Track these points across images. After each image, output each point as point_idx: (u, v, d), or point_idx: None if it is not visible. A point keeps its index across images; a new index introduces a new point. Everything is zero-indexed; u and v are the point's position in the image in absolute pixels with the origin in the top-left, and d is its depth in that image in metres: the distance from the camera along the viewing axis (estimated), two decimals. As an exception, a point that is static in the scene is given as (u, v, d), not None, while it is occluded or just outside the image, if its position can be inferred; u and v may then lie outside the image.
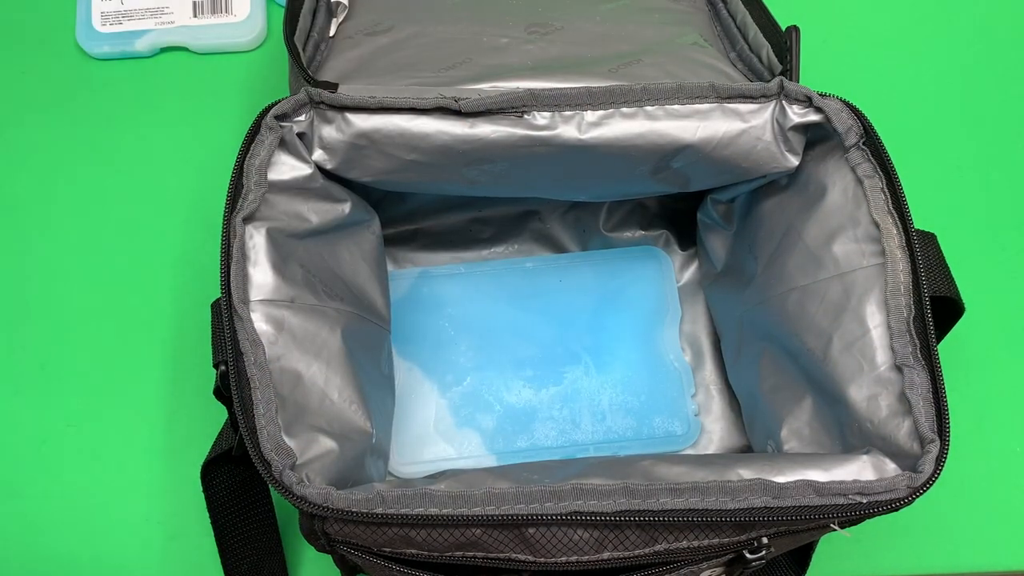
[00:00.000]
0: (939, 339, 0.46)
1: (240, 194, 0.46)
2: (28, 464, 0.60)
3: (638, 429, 0.61)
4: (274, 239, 0.46)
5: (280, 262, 0.46)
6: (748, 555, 0.43)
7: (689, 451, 0.60)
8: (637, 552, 0.42)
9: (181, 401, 0.62)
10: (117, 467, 0.60)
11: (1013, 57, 0.77)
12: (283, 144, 0.48)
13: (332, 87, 0.50)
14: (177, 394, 0.62)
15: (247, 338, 0.43)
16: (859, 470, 0.43)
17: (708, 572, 0.45)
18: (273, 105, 0.48)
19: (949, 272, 0.49)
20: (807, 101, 0.50)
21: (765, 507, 0.40)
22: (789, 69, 0.54)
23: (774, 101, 0.50)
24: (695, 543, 0.42)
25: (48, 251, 0.66)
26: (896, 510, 0.41)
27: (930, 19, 0.79)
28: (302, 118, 0.49)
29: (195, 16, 0.72)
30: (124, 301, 0.65)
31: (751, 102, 0.50)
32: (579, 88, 0.49)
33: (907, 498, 0.41)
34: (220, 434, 0.51)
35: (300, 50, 0.53)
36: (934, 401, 0.43)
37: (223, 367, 0.44)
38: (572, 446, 0.60)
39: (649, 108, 0.49)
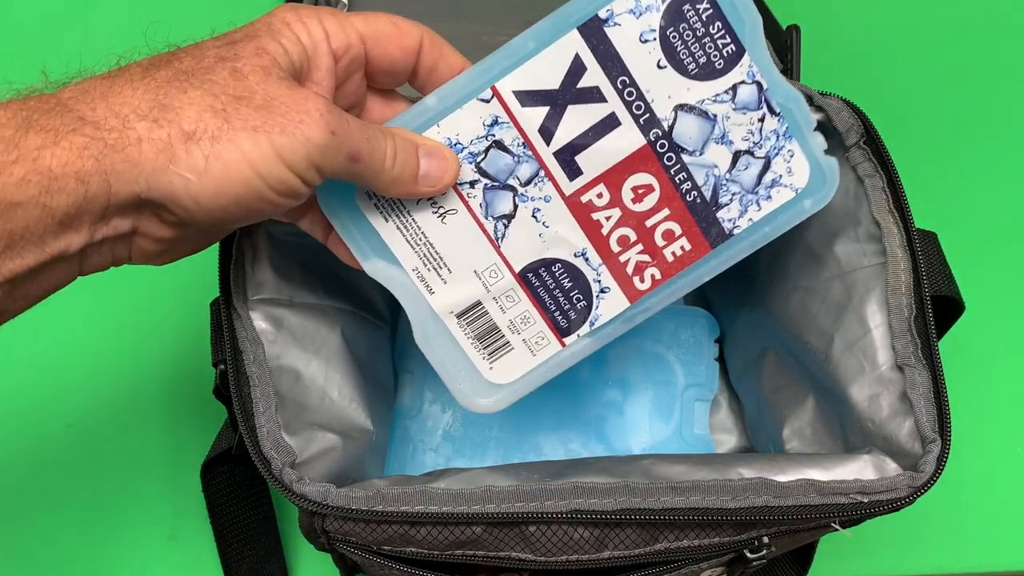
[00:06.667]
0: (939, 337, 0.45)
1: (239, 192, 0.46)
2: (28, 464, 0.60)
3: None
4: (273, 237, 0.46)
5: (279, 260, 0.46)
6: (749, 554, 0.43)
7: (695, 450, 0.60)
8: (637, 551, 0.42)
9: (181, 401, 0.62)
10: (117, 467, 0.60)
11: (1013, 56, 0.77)
12: (283, 143, 0.48)
13: (332, 86, 0.50)
14: (177, 394, 0.62)
15: (246, 337, 0.43)
16: (860, 469, 0.42)
17: (708, 572, 0.45)
18: (273, 103, 0.48)
19: (950, 271, 0.49)
20: (807, 100, 0.49)
21: (766, 506, 0.40)
22: (790, 68, 0.54)
23: (774, 100, 0.50)
24: (696, 542, 0.42)
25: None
26: (897, 510, 0.41)
27: (930, 19, 0.79)
28: (302, 117, 0.49)
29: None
30: (123, 300, 0.65)
31: (751, 100, 0.50)
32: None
33: (908, 498, 0.41)
34: (220, 434, 0.51)
35: (300, 49, 0.53)
36: (935, 401, 0.43)
37: (222, 366, 0.44)
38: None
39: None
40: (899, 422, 0.44)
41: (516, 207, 0.43)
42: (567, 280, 0.44)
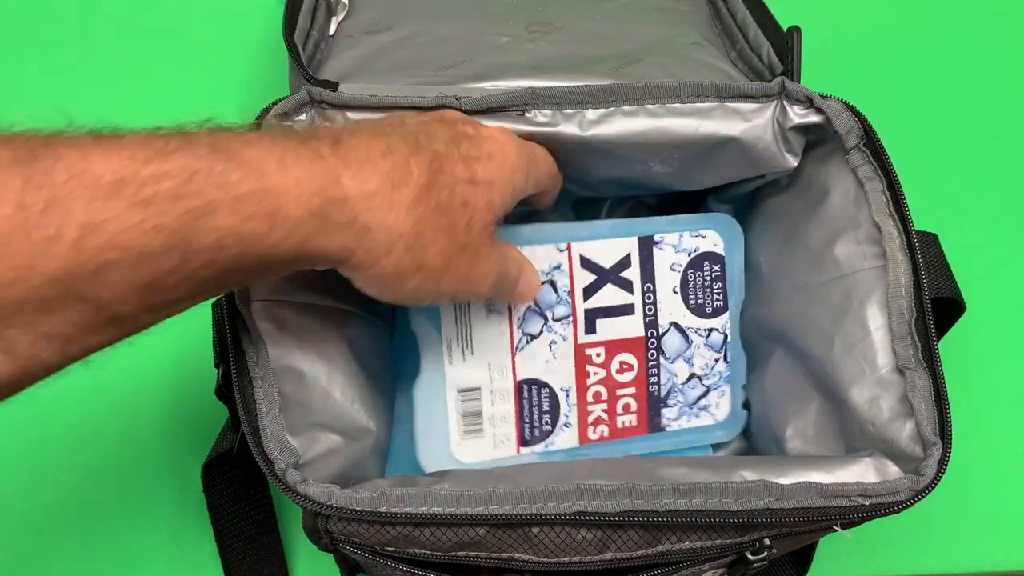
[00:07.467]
0: (939, 337, 0.46)
1: (241, 193, 0.46)
2: (28, 464, 0.60)
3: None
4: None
5: (281, 261, 0.46)
6: (750, 556, 0.43)
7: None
8: (640, 552, 0.42)
9: (181, 401, 0.62)
10: (117, 467, 0.60)
11: (1013, 57, 0.78)
12: (284, 143, 0.48)
13: (332, 86, 0.50)
14: (177, 394, 0.62)
15: (249, 337, 0.43)
16: (862, 472, 0.43)
17: (710, 573, 0.45)
18: (274, 104, 0.48)
19: (950, 272, 0.49)
20: (808, 102, 0.50)
21: (768, 508, 0.40)
22: (790, 69, 0.54)
23: (775, 101, 0.50)
24: (698, 544, 0.42)
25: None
26: (898, 512, 0.41)
27: (931, 20, 0.79)
28: (303, 117, 0.49)
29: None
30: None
31: (752, 101, 0.50)
32: (580, 86, 0.49)
33: (909, 501, 0.41)
34: (220, 434, 0.51)
35: (300, 49, 0.53)
36: (936, 404, 0.43)
37: (224, 367, 0.44)
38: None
39: (650, 106, 0.49)
40: (900, 425, 0.44)
41: (542, 332, 0.54)
42: (547, 404, 0.54)
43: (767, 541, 0.42)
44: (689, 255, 0.57)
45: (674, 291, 0.56)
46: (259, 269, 0.34)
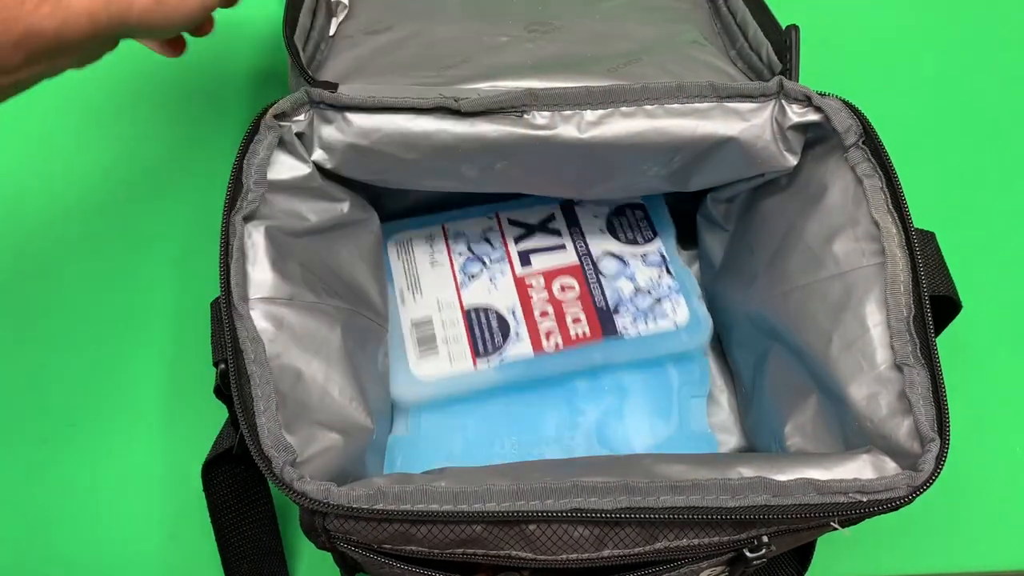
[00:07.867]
0: (936, 335, 0.46)
1: (239, 193, 0.46)
2: (29, 464, 0.60)
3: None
4: (273, 237, 0.46)
5: (279, 260, 0.46)
6: (748, 554, 0.43)
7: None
8: (637, 550, 0.42)
9: (181, 401, 0.62)
10: (117, 467, 0.60)
11: (1012, 56, 0.78)
12: (282, 143, 0.48)
13: (332, 87, 0.50)
14: (177, 394, 0.62)
15: (247, 336, 0.43)
16: (859, 469, 0.43)
17: (709, 571, 0.45)
18: (272, 104, 0.48)
19: (948, 271, 0.49)
20: (806, 100, 0.50)
21: (765, 505, 0.40)
22: (789, 68, 0.54)
23: (773, 100, 0.50)
24: (695, 541, 0.42)
25: (47, 251, 0.66)
26: (896, 509, 0.41)
27: (929, 18, 0.79)
28: (301, 118, 0.49)
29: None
30: (124, 301, 0.65)
31: (750, 101, 0.50)
32: (578, 88, 0.49)
33: (907, 497, 0.41)
34: (220, 434, 0.51)
35: (300, 50, 0.53)
36: (934, 400, 0.43)
37: (223, 365, 0.44)
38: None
39: (648, 107, 0.49)
40: (898, 421, 0.44)
41: (481, 271, 0.62)
42: (495, 323, 0.59)
43: (765, 539, 0.42)
44: (610, 207, 0.65)
45: (601, 231, 0.64)
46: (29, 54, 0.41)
